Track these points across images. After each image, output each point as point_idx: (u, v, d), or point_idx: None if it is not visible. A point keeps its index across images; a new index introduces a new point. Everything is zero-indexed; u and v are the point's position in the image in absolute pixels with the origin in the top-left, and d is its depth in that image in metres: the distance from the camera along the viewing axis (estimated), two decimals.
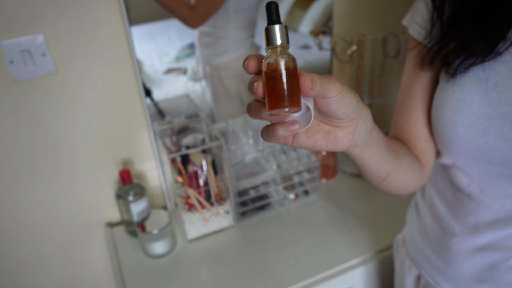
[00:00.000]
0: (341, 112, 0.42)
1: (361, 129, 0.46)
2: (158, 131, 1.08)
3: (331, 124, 0.44)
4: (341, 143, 0.45)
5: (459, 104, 0.57)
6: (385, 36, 1.17)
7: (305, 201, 1.19)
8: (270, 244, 1.05)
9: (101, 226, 1.17)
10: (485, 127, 0.55)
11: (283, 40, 0.39)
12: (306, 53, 1.44)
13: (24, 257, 1.12)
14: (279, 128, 0.40)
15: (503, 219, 0.60)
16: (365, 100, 1.23)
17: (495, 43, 0.53)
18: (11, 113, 0.95)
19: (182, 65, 1.28)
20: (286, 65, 0.38)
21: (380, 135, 0.52)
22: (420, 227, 0.75)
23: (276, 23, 0.39)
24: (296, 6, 1.45)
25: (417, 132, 0.67)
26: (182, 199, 1.07)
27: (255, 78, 0.39)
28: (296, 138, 0.44)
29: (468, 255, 0.65)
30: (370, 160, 0.52)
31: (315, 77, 0.38)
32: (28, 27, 0.89)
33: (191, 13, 1.14)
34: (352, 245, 1.03)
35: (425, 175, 0.68)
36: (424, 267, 0.74)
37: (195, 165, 1.05)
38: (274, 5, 0.39)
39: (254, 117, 0.41)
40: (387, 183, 0.59)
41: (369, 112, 0.47)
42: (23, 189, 1.04)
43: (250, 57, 0.39)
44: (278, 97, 0.38)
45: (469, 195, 0.63)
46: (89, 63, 0.97)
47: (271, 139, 0.41)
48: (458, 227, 0.66)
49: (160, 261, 1.03)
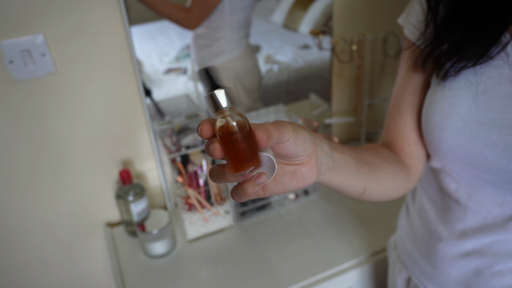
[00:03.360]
0: (299, 150, 0.43)
1: (321, 157, 0.47)
2: (158, 131, 1.08)
3: (294, 163, 0.45)
4: (309, 177, 0.46)
5: (448, 108, 0.57)
6: (385, 36, 1.17)
7: (305, 201, 1.19)
8: (270, 244, 1.05)
9: (101, 226, 1.17)
10: (473, 132, 0.55)
11: (229, 103, 0.39)
12: (306, 53, 1.44)
13: (24, 256, 1.12)
14: (247, 185, 0.41)
15: (489, 226, 0.60)
16: (365, 100, 1.23)
17: (487, 47, 0.53)
18: (11, 113, 0.95)
19: (182, 65, 1.28)
20: (240, 126, 0.38)
21: (343, 154, 0.53)
22: (410, 230, 0.75)
23: (216, 88, 0.39)
24: (296, 6, 1.45)
25: (406, 136, 0.66)
26: (182, 199, 1.07)
27: (210, 141, 0.39)
28: (266, 188, 0.45)
29: (454, 260, 0.65)
30: (342, 182, 0.53)
31: (268, 127, 0.39)
32: (28, 27, 0.89)
33: (187, 15, 1.14)
34: (352, 245, 1.03)
35: (413, 179, 0.66)
36: (413, 271, 0.74)
37: (195, 165, 1.05)
38: (204, 71, 0.39)
39: (219, 182, 0.42)
40: (367, 196, 0.59)
41: (323, 138, 0.48)
42: (23, 189, 1.04)
43: (202, 123, 0.39)
44: (242, 160, 0.38)
45: (457, 201, 0.63)
46: (89, 63, 0.97)
47: (243, 198, 0.42)
48: (446, 232, 0.65)
49: (160, 261, 1.03)
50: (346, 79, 1.27)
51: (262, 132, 0.38)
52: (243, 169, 0.39)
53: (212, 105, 0.39)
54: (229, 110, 0.39)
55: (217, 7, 1.14)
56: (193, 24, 1.16)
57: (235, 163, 0.39)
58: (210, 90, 0.39)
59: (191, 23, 1.16)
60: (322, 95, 1.43)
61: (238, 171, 0.39)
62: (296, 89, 1.45)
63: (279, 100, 1.40)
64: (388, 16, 1.22)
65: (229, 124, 0.38)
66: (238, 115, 0.39)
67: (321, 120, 1.31)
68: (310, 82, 1.46)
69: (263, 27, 1.45)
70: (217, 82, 0.40)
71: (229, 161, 0.39)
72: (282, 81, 1.43)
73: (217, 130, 0.39)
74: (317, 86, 1.46)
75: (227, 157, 0.39)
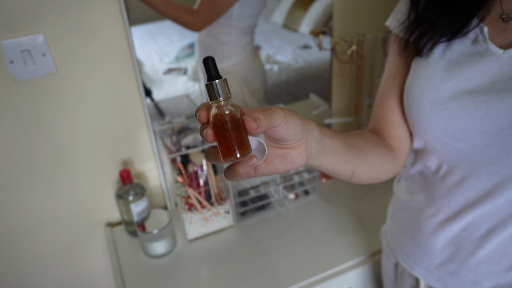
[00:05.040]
0: (290, 134, 0.46)
1: (312, 143, 0.50)
2: (158, 131, 1.08)
3: (284, 147, 0.48)
4: (298, 161, 0.49)
5: (425, 81, 0.62)
6: (385, 36, 1.17)
7: (305, 201, 1.19)
8: (270, 244, 1.05)
9: (101, 226, 1.17)
10: (446, 99, 0.59)
11: (225, 94, 0.42)
12: (306, 53, 1.44)
13: (24, 256, 1.12)
14: (239, 167, 0.44)
15: (473, 200, 0.62)
16: (365, 100, 1.23)
17: (462, 23, 0.59)
18: (11, 113, 0.95)
19: (182, 65, 1.28)
20: (232, 117, 0.42)
21: (333, 140, 0.56)
22: (396, 214, 0.78)
23: (215, 78, 0.42)
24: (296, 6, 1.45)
25: (392, 118, 0.70)
26: (182, 199, 1.07)
27: (203, 126, 0.43)
28: (257, 169, 0.48)
29: (436, 232, 0.67)
30: (330, 165, 0.56)
31: (258, 115, 0.42)
32: (28, 27, 0.89)
33: (194, 17, 1.14)
34: (352, 245, 1.03)
35: (399, 162, 0.70)
36: (400, 254, 0.76)
37: (195, 165, 1.05)
38: (210, 60, 0.42)
39: (213, 162, 0.46)
40: (355, 179, 0.63)
41: (314, 124, 0.51)
42: (24, 189, 1.04)
43: (201, 109, 0.43)
44: (230, 148, 0.42)
45: (441, 178, 0.66)
46: (89, 63, 0.97)
47: (235, 178, 0.46)
48: (431, 209, 0.68)
49: (160, 261, 1.04)
50: (346, 79, 1.27)
51: (252, 120, 0.41)
52: (231, 156, 0.42)
53: (209, 93, 0.42)
54: (224, 100, 0.42)
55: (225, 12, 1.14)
56: (199, 26, 1.16)
57: (223, 149, 0.43)
58: (210, 79, 0.42)
59: (197, 25, 1.16)
60: (322, 95, 1.43)
61: (225, 157, 0.43)
62: (296, 89, 1.45)
63: (279, 100, 1.40)
64: (388, 16, 1.22)
65: (222, 113, 0.42)
66: (231, 106, 0.42)
67: (321, 120, 1.31)
68: (310, 82, 1.46)
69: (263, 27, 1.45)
70: (217, 72, 0.42)
71: (219, 147, 0.43)
72: (282, 81, 1.43)
73: (211, 117, 0.42)
74: (317, 86, 1.46)
75: (218, 143, 0.43)
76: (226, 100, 0.42)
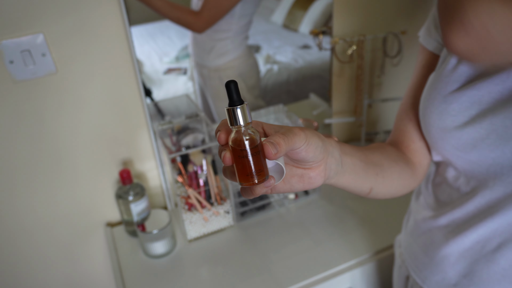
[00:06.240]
0: (310, 156, 0.45)
1: (331, 164, 0.49)
2: (158, 131, 1.08)
3: (303, 167, 0.47)
4: (316, 181, 0.48)
5: (431, 90, 0.62)
6: (385, 36, 1.17)
7: (305, 201, 1.19)
8: (270, 244, 1.05)
9: (101, 226, 1.17)
10: (455, 111, 0.59)
11: (246, 120, 0.42)
12: (306, 53, 1.44)
13: (24, 256, 1.12)
14: (256, 187, 0.44)
15: (484, 212, 0.61)
16: (365, 100, 1.23)
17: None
18: (11, 113, 0.95)
19: (182, 65, 1.28)
20: (251, 143, 0.41)
21: (353, 158, 0.55)
22: (411, 226, 0.76)
23: (237, 104, 0.41)
24: (296, 6, 1.45)
25: (411, 132, 0.69)
26: (182, 199, 1.07)
27: (223, 147, 0.43)
28: (273, 188, 0.47)
29: (447, 243, 0.66)
30: (348, 184, 0.55)
31: (278, 139, 0.41)
32: (28, 27, 0.89)
33: (197, 19, 1.14)
34: (352, 245, 1.03)
35: (418, 176, 0.69)
36: (412, 266, 0.75)
37: (195, 165, 1.05)
38: (233, 84, 0.41)
39: (230, 180, 0.46)
40: (373, 195, 0.62)
41: (335, 144, 0.50)
42: (23, 189, 1.04)
43: (220, 130, 0.43)
44: (248, 174, 0.42)
45: (458, 189, 0.65)
46: (89, 63, 0.97)
47: (251, 197, 0.45)
48: (444, 220, 0.67)
49: (160, 261, 1.04)
50: (346, 79, 1.27)
51: (271, 146, 0.40)
52: (250, 181, 0.42)
53: (230, 118, 0.42)
54: (244, 126, 0.42)
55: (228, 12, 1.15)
56: (203, 27, 1.16)
57: (241, 175, 0.42)
58: (232, 104, 0.41)
59: (201, 26, 1.16)
60: (322, 95, 1.43)
61: (242, 182, 0.42)
62: (296, 89, 1.46)
63: (279, 100, 1.40)
64: (388, 16, 1.23)
65: (241, 139, 0.41)
66: (251, 132, 0.42)
67: (321, 120, 1.31)
68: (310, 82, 1.46)
69: (263, 27, 1.45)
70: (239, 97, 0.42)
71: (237, 171, 0.43)
72: (282, 81, 1.43)
73: (230, 141, 0.42)
74: (317, 86, 1.46)
75: (235, 167, 0.42)
76: (246, 126, 0.42)
